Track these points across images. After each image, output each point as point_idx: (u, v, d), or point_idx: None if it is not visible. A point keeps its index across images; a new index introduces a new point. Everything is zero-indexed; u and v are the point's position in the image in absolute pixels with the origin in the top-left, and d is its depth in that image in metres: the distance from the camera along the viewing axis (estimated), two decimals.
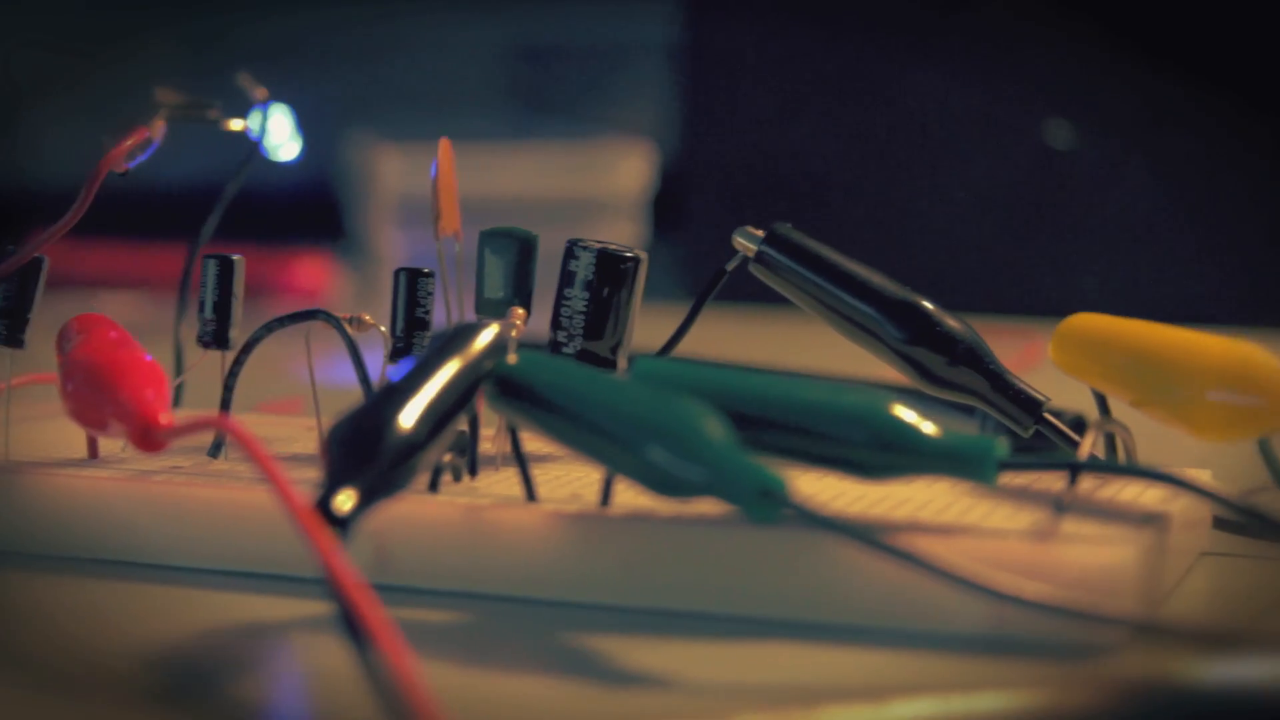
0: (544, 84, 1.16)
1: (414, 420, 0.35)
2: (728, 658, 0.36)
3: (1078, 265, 0.86)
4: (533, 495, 0.40)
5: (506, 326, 0.40)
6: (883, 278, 0.44)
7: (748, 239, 0.44)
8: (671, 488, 0.36)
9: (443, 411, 0.36)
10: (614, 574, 0.38)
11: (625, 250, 0.43)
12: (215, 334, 0.44)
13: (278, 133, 0.53)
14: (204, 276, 0.44)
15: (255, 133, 0.49)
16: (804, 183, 0.89)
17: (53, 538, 0.42)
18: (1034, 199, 0.87)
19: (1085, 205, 0.86)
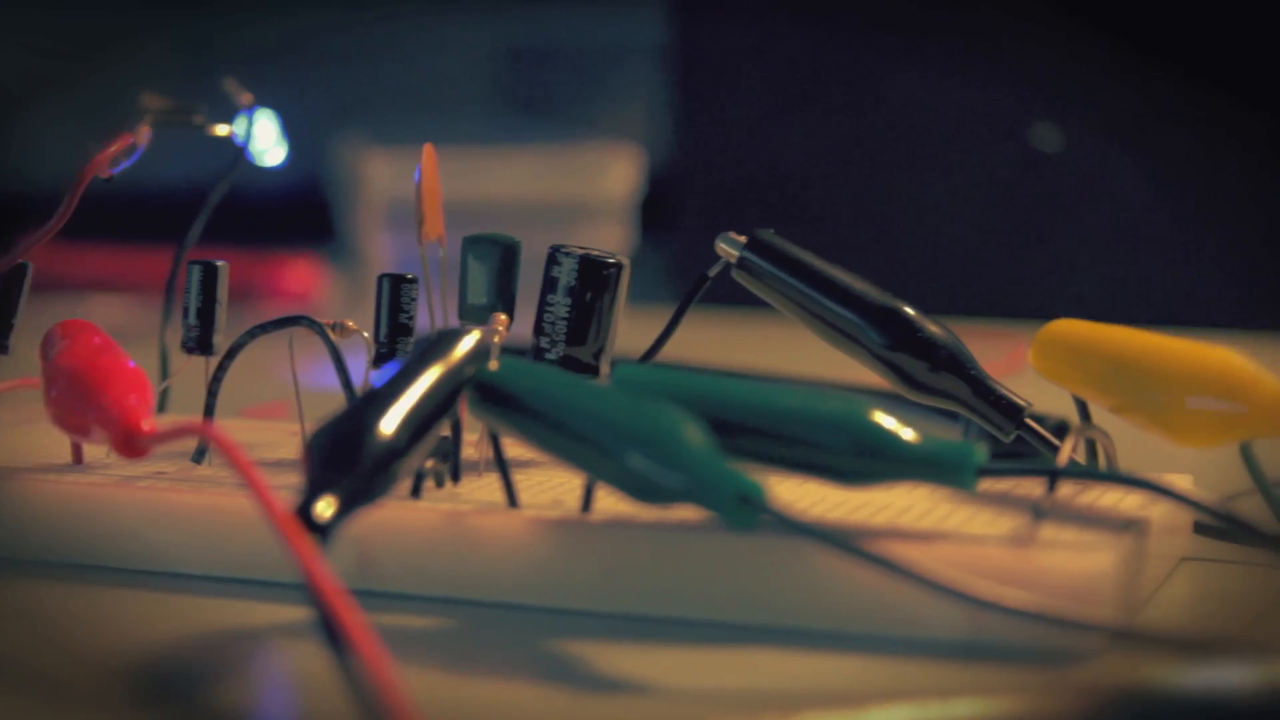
0: (533, 87, 1.16)
1: (395, 427, 0.35)
2: (707, 663, 0.36)
3: (1068, 268, 0.86)
4: (514, 501, 0.40)
5: (489, 332, 0.41)
6: (864, 283, 0.44)
7: (730, 244, 0.44)
8: (650, 494, 0.36)
9: (424, 418, 0.36)
10: (595, 580, 0.38)
11: (608, 256, 0.43)
12: (199, 339, 0.44)
13: (263, 138, 0.53)
14: (188, 282, 0.44)
15: (241, 138, 0.49)
16: (793, 186, 0.89)
17: (36, 543, 0.42)
18: (1024, 201, 0.86)
19: (1075, 207, 0.86)
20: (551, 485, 0.42)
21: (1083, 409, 0.43)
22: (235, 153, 0.49)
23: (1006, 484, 0.41)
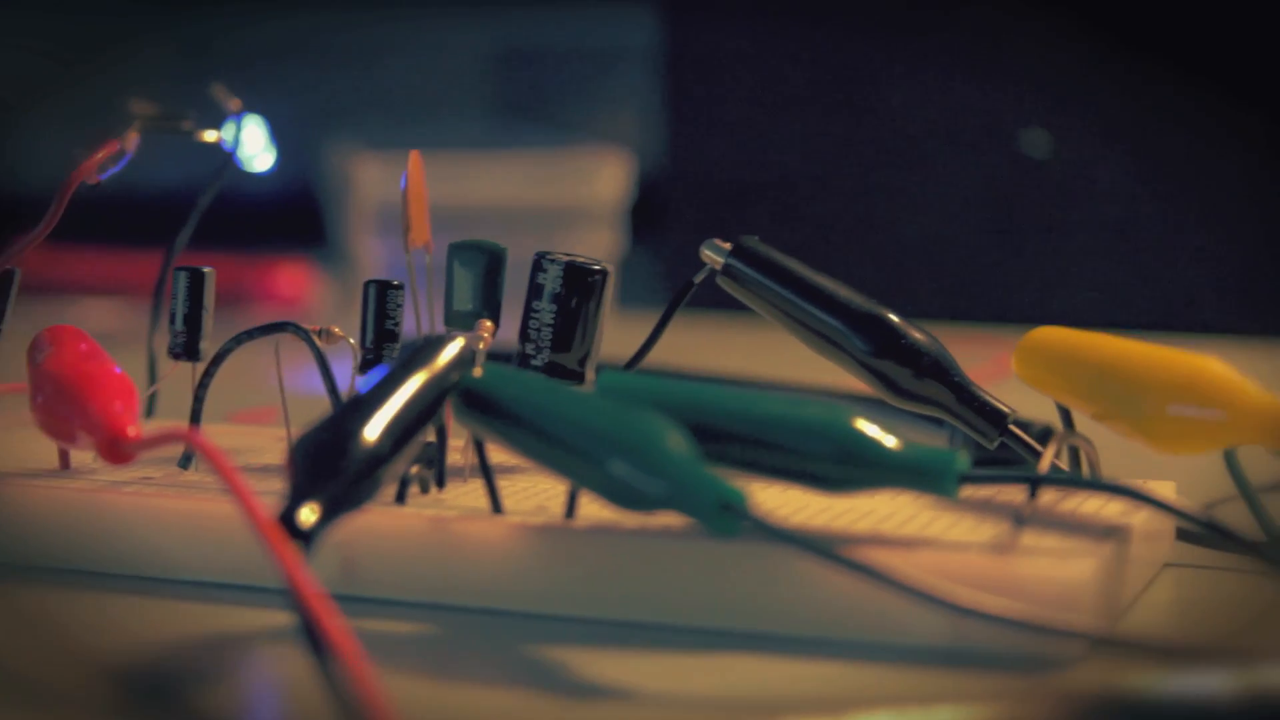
0: (524, 91, 1.16)
1: (378, 434, 0.36)
2: (689, 669, 0.36)
3: (1059, 273, 0.86)
4: (498, 507, 0.40)
5: (473, 339, 0.41)
6: (849, 290, 0.44)
7: (715, 252, 0.44)
8: (632, 501, 0.36)
9: (407, 425, 0.36)
10: (578, 586, 0.38)
11: (593, 263, 0.43)
12: (185, 346, 0.44)
13: (252, 144, 0.53)
14: (175, 288, 0.44)
15: (229, 144, 0.50)
16: (783, 190, 0.89)
17: (22, 547, 0.42)
18: (1017, 204, 0.86)
19: (1068, 210, 0.86)
20: (536, 491, 0.42)
21: (1066, 416, 0.43)
22: (224, 158, 0.50)
23: (989, 491, 0.41)
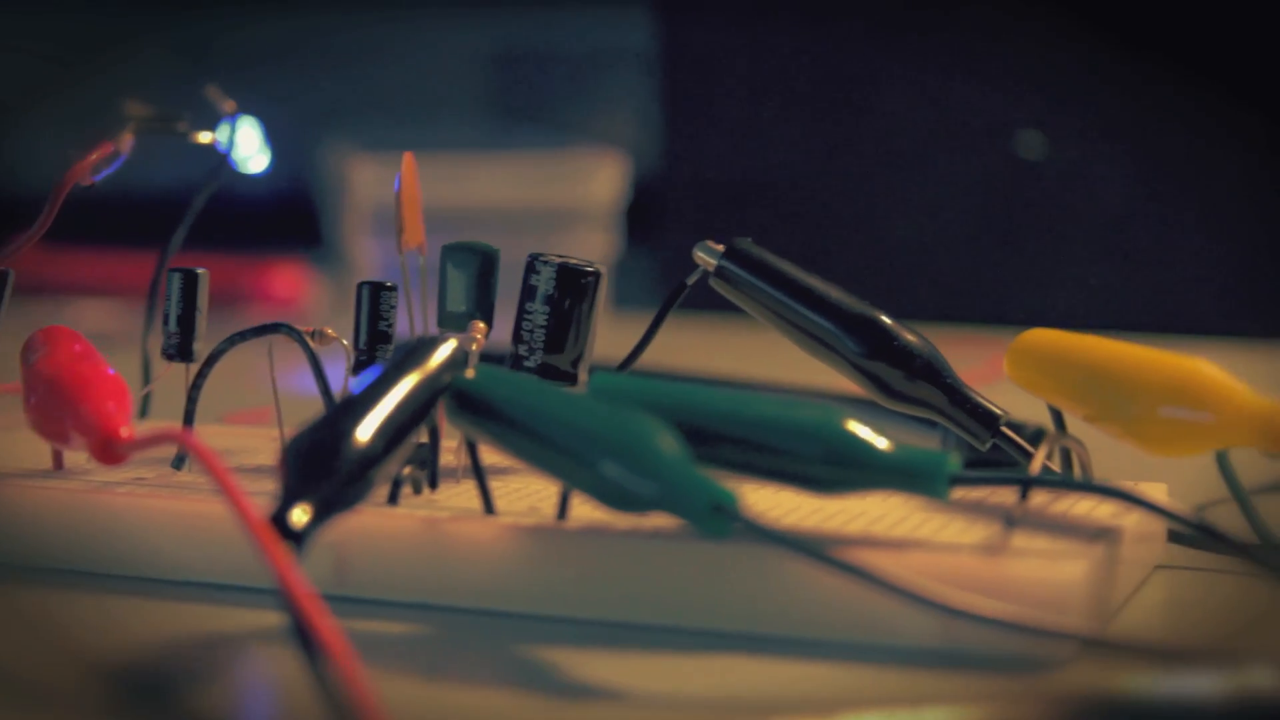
0: (519, 93, 1.16)
1: (370, 435, 0.36)
2: (681, 670, 0.36)
3: (1058, 274, 0.86)
4: (491, 508, 0.40)
5: (466, 340, 0.41)
6: (841, 292, 0.44)
7: (708, 253, 0.44)
8: (624, 502, 0.36)
9: (398, 426, 0.36)
10: (570, 587, 0.38)
11: (586, 264, 0.43)
12: (179, 347, 0.44)
13: (246, 145, 0.53)
14: (169, 289, 0.45)
15: (224, 145, 0.50)
16: (778, 191, 0.89)
17: (16, 548, 0.42)
18: (1012, 205, 0.86)
19: (1062, 211, 0.86)
20: (528, 493, 0.42)
21: (1058, 418, 0.43)
22: (218, 160, 0.50)
23: (980, 493, 0.42)
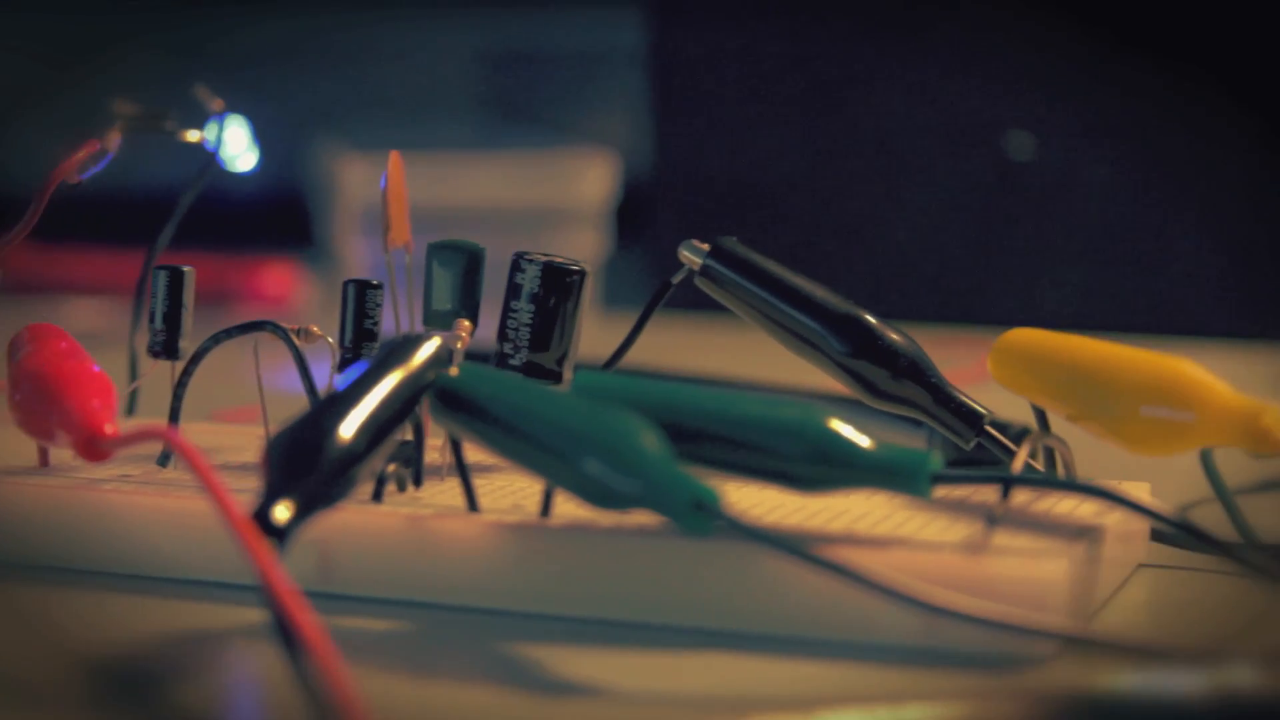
0: (511, 92, 1.17)
1: (353, 432, 0.36)
2: (662, 667, 0.36)
3: (1052, 275, 0.86)
4: (474, 506, 0.40)
5: (449, 338, 0.41)
6: (826, 291, 0.44)
7: (693, 252, 0.45)
8: (606, 500, 0.36)
9: (382, 423, 0.37)
10: (553, 584, 0.39)
11: (571, 263, 0.43)
12: (165, 344, 0.45)
13: (234, 143, 0.53)
14: (154, 287, 0.45)
15: (212, 144, 0.50)
16: (768, 192, 0.89)
17: (0, 544, 0.42)
18: (1003, 206, 0.86)
19: (1054, 212, 0.85)
20: (512, 490, 0.42)
21: (1041, 417, 0.44)
22: (206, 158, 0.50)
23: (963, 491, 0.42)
